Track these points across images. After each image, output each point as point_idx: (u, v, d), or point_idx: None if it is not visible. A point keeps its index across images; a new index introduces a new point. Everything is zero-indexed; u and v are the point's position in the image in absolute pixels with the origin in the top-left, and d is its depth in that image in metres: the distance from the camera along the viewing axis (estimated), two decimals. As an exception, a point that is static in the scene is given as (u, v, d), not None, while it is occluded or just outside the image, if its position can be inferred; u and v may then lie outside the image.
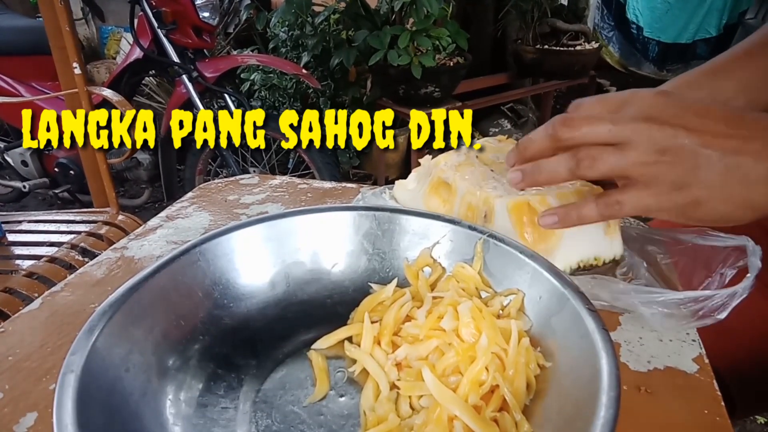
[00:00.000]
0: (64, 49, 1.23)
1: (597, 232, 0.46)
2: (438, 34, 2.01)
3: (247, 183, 0.78)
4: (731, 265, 0.45)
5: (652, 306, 0.44)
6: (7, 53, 2.11)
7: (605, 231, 0.46)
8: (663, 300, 0.44)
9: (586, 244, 0.46)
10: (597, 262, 0.46)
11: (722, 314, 0.42)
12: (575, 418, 0.30)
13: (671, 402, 0.40)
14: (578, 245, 0.45)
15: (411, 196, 0.57)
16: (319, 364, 0.40)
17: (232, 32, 3.12)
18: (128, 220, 1.27)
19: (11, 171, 2.27)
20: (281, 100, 2.46)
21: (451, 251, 0.45)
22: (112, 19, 3.35)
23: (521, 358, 0.35)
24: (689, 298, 0.43)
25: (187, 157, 2.09)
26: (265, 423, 0.36)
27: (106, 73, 3.18)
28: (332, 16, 2.28)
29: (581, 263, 0.46)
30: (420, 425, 0.34)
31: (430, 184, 0.54)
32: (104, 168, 1.31)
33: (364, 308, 0.43)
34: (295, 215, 0.46)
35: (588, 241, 0.46)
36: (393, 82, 2.19)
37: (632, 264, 0.49)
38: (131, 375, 0.34)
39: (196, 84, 1.88)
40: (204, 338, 0.40)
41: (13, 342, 0.47)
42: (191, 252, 0.41)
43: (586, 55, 2.72)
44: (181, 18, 1.88)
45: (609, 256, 0.46)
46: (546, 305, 0.38)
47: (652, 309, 0.44)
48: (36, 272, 1.07)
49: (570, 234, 0.45)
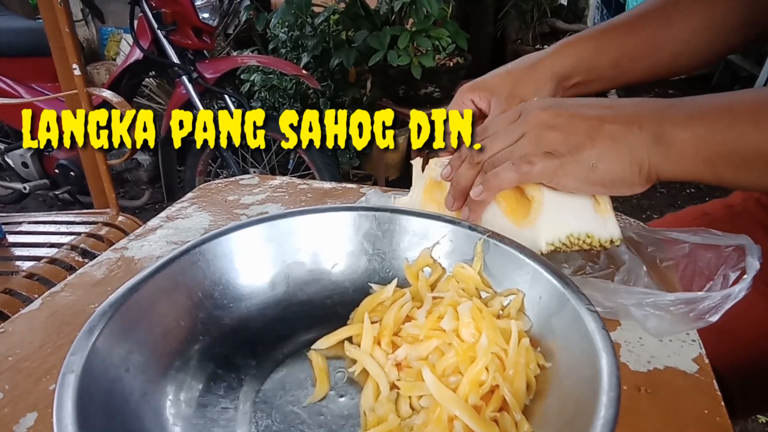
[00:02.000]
0: (64, 50, 1.23)
1: (585, 207, 0.45)
2: (438, 35, 2.01)
3: (247, 183, 0.78)
4: (733, 267, 0.45)
5: (642, 308, 0.43)
6: (6, 55, 2.11)
7: (595, 208, 0.45)
8: (653, 301, 0.43)
9: (574, 217, 0.45)
10: (591, 240, 0.45)
11: (714, 317, 0.42)
12: (575, 418, 0.30)
13: (671, 402, 0.40)
14: (565, 218, 0.45)
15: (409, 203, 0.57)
16: (319, 365, 0.40)
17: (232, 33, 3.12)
18: (128, 221, 1.27)
19: (11, 172, 2.27)
20: (281, 100, 2.46)
21: (451, 251, 0.45)
22: (112, 21, 3.35)
23: (521, 359, 0.35)
24: (680, 299, 0.42)
25: (187, 158, 2.09)
26: (265, 423, 0.36)
27: (105, 75, 3.18)
28: (332, 17, 2.28)
29: (572, 237, 0.44)
30: (420, 425, 0.34)
31: (425, 188, 0.55)
32: (104, 169, 1.31)
33: (364, 308, 0.43)
34: (295, 215, 0.46)
35: (576, 214, 0.45)
36: (393, 82, 2.19)
37: (632, 268, 0.49)
38: (131, 375, 0.34)
39: (196, 85, 1.88)
40: (204, 338, 0.40)
41: (13, 342, 0.47)
42: (191, 252, 0.41)
43: (586, 55, 2.71)
44: (181, 19, 1.88)
45: (604, 236, 0.45)
46: (546, 305, 0.38)
47: (643, 311, 0.43)
48: (36, 273, 1.06)
49: (553, 202, 0.44)
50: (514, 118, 0.47)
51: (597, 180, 0.43)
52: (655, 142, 0.41)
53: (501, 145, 0.46)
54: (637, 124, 0.42)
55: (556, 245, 0.45)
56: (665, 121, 0.41)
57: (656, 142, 0.41)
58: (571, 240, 0.45)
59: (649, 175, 0.42)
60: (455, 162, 0.50)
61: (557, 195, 0.45)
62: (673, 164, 0.41)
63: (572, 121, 0.43)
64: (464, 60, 2.27)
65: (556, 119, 0.43)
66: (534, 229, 0.45)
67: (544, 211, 0.45)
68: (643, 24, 0.60)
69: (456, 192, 0.49)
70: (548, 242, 0.44)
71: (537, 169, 0.43)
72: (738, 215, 0.66)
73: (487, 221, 0.48)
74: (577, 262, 0.51)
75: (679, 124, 0.41)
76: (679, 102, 0.43)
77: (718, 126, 0.40)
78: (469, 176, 0.48)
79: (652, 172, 0.42)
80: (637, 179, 0.42)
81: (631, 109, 0.43)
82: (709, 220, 0.68)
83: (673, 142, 0.41)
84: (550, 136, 0.43)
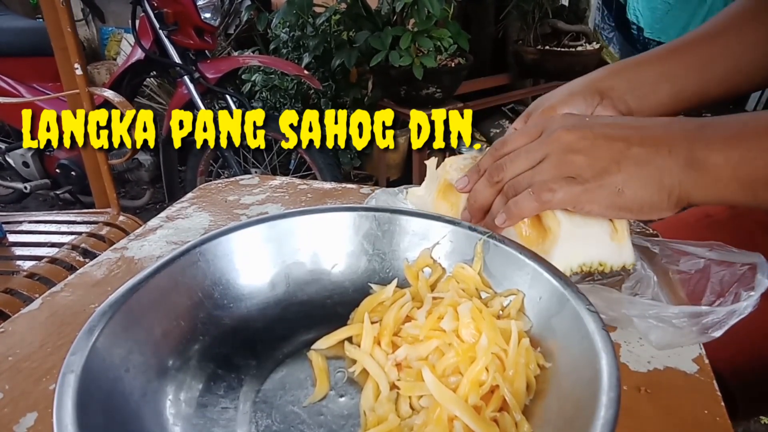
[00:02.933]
0: (66, 50, 1.23)
1: (600, 236, 0.45)
2: (439, 35, 2.01)
3: (247, 183, 0.78)
4: (746, 286, 0.43)
5: (645, 319, 0.43)
6: (7, 54, 2.11)
7: (611, 236, 0.45)
8: (656, 313, 0.42)
9: (587, 246, 0.45)
10: (603, 267, 0.45)
11: (717, 332, 0.40)
12: (575, 418, 0.30)
13: (671, 402, 0.40)
14: (579, 247, 0.45)
15: (422, 202, 0.57)
16: (319, 365, 0.40)
17: (233, 33, 3.13)
18: (129, 221, 1.27)
19: (12, 172, 2.27)
20: (282, 101, 2.46)
21: (451, 252, 0.45)
22: (113, 20, 3.36)
23: (521, 359, 0.35)
24: (684, 312, 0.41)
25: (188, 158, 2.09)
26: (265, 423, 0.36)
27: (106, 75, 3.18)
28: (333, 17, 2.27)
29: (584, 267, 0.45)
30: (420, 425, 0.34)
31: (438, 188, 0.55)
32: (105, 169, 1.31)
33: (364, 309, 0.43)
34: (295, 216, 0.46)
35: (590, 243, 0.45)
36: (394, 83, 2.19)
37: (642, 277, 0.48)
38: (131, 375, 0.34)
39: (198, 85, 1.88)
40: (204, 338, 0.40)
41: (13, 342, 0.47)
42: (191, 252, 0.41)
43: (587, 55, 2.71)
44: (182, 19, 1.88)
45: (617, 263, 0.45)
46: (546, 306, 0.38)
47: (646, 322, 0.43)
48: (37, 273, 1.07)
49: (569, 234, 0.44)
50: (536, 135, 0.45)
51: (623, 205, 0.41)
52: (687, 167, 0.39)
53: (522, 167, 0.44)
54: (667, 147, 0.40)
55: (567, 273, 0.44)
56: (698, 143, 0.39)
57: (688, 166, 0.39)
58: (583, 268, 0.45)
59: (679, 200, 0.40)
60: (473, 176, 0.49)
61: (574, 226, 0.44)
62: (706, 189, 0.39)
63: (597, 143, 0.41)
64: (466, 60, 2.27)
65: (581, 142, 0.42)
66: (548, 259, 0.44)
67: (560, 243, 0.44)
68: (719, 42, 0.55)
69: (473, 209, 0.48)
70: None
71: (558, 197, 0.42)
72: (740, 216, 0.66)
73: None
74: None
75: (714, 147, 0.39)
76: (713, 122, 0.41)
77: (758, 149, 0.38)
78: (486, 195, 0.47)
79: (683, 197, 0.40)
80: (666, 204, 0.41)
81: (661, 131, 0.41)
82: (711, 221, 0.68)
83: (707, 166, 0.39)
84: (575, 160, 0.41)
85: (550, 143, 0.43)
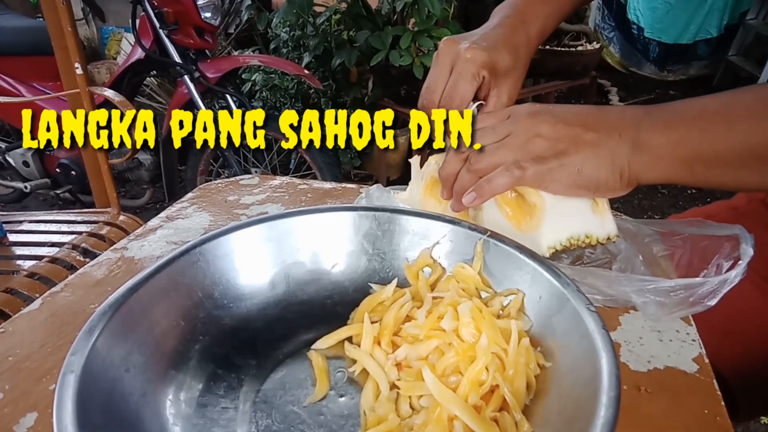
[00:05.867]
0: (66, 49, 1.23)
1: (584, 209, 0.47)
2: (440, 35, 2.01)
3: (247, 183, 0.78)
4: (727, 256, 0.46)
5: (644, 294, 0.45)
6: (7, 53, 2.11)
7: (593, 209, 0.47)
8: (654, 288, 0.45)
9: (573, 220, 0.47)
10: (590, 240, 0.47)
11: (712, 301, 0.43)
12: (575, 418, 0.30)
13: (671, 402, 0.40)
14: (565, 222, 0.47)
15: (409, 200, 0.57)
16: (319, 364, 0.40)
17: (233, 33, 3.13)
18: (129, 221, 1.27)
19: (12, 171, 2.27)
20: (282, 100, 2.45)
21: (451, 251, 0.45)
22: (113, 20, 3.35)
23: (521, 358, 0.35)
24: (680, 285, 0.44)
25: (188, 157, 2.09)
26: (265, 423, 0.36)
27: (106, 74, 3.18)
28: (333, 17, 2.27)
29: (572, 240, 0.47)
30: (420, 425, 0.34)
31: (425, 185, 0.55)
32: (106, 168, 1.31)
33: (364, 308, 0.43)
34: (295, 216, 0.46)
35: (575, 217, 0.47)
36: (395, 82, 2.19)
37: (628, 257, 0.50)
38: (131, 375, 0.34)
39: (198, 84, 1.88)
40: (204, 338, 0.40)
41: (13, 342, 0.47)
42: (191, 252, 0.41)
43: (588, 55, 2.71)
44: (182, 18, 1.88)
45: (602, 234, 0.47)
46: (546, 305, 0.38)
47: (644, 297, 0.45)
48: (37, 272, 1.07)
49: (553, 207, 0.46)
50: (503, 118, 0.48)
51: (582, 184, 0.44)
52: (634, 148, 0.43)
53: (488, 141, 0.47)
54: (618, 131, 0.44)
55: (558, 248, 0.46)
56: (643, 126, 0.43)
57: (635, 148, 0.43)
58: (571, 241, 0.47)
59: (629, 180, 0.44)
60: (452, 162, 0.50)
61: (557, 200, 0.46)
62: (651, 169, 0.43)
63: (557, 128, 0.45)
64: (465, 60, 2.26)
65: (544, 126, 0.45)
66: (537, 235, 0.46)
67: (546, 217, 0.46)
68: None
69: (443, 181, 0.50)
70: (550, 246, 0.46)
71: (529, 173, 0.44)
72: (742, 217, 0.66)
73: (491, 226, 0.49)
74: (574, 252, 0.53)
75: (656, 130, 0.43)
76: (660, 108, 0.44)
77: (693, 130, 0.41)
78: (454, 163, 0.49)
79: (632, 176, 0.44)
80: (618, 184, 0.44)
81: (614, 117, 0.45)
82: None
83: (650, 147, 0.42)
84: (538, 141, 0.45)
85: (515, 123, 0.47)
